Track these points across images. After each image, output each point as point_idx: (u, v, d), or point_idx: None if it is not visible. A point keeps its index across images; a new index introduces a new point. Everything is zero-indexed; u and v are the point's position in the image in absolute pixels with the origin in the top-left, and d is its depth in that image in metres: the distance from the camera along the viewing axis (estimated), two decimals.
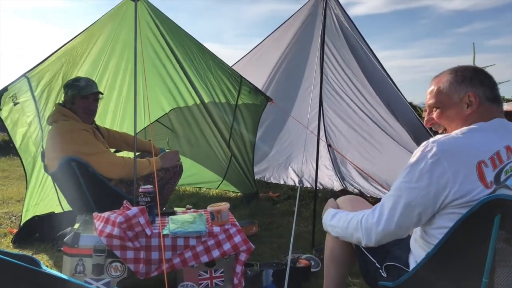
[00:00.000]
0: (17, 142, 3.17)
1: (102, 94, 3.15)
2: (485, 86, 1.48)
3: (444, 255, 1.35)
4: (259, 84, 4.34)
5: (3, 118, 2.94)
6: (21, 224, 3.49)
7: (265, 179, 5.36)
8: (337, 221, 1.68)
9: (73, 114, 2.96)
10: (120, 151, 3.68)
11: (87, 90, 2.99)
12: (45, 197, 3.61)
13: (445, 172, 1.32)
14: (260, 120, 4.18)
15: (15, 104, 2.90)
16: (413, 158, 1.41)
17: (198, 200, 4.52)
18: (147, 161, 3.04)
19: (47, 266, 1.67)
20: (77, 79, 3.06)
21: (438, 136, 1.40)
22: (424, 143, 1.40)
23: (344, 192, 4.69)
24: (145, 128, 4.53)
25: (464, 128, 1.43)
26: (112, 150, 3.38)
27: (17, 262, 1.25)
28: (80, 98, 2.97)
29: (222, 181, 4.83)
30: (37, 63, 2.89)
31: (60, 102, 3.08)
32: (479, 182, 1.32)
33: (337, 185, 4.93)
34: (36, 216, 3.49)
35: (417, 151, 1.41)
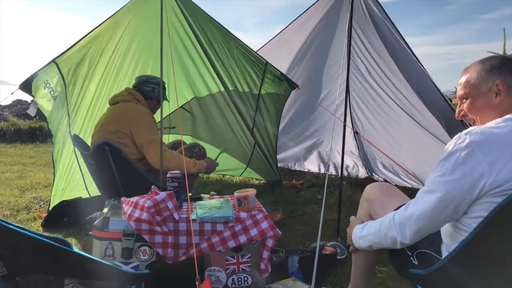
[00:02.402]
0: (51, 126, 3.25)
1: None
2: None
3: (479, 243, 1.32)
4: (284, 70, 4.29)
5: (46, 115, 3.00)
6: (50, 208, 3.57)
7: (289, 167, 5.34)
8: (368, 229, 1.67)
9: (145, 102, 3.10)
10: None
11: (165, 96, 3.21)
12: (72, 181, 3.67)
13: (480, 163, 1.29)
14: (283, 109, 4.15)
15: (55, 99, 2.94)
16: (446, 151, 1.38)
17: (222, 187, 4.54)
18: (193, 162, 3.11)
19: None
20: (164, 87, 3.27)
21: (471, 128, 1.37)
22: (456, 136, 1.38)
23: (369, 180, 4.65)
24: (169, 114, 4.55)
25: (498, 119, 1.40)
26: None
27: (52, 242, 1.27)
28: (158, 100, 3.18)
29: (246, 168, 4.83)
30: (65, 49, 2.92)
31: (130, 87, 3.19)
32: None
33: (362, 173, 4.89)
34: (64, 201, 3.56)
35: (450, 144, 1.38)
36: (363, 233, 1.70)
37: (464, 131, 1.37)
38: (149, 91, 3.17)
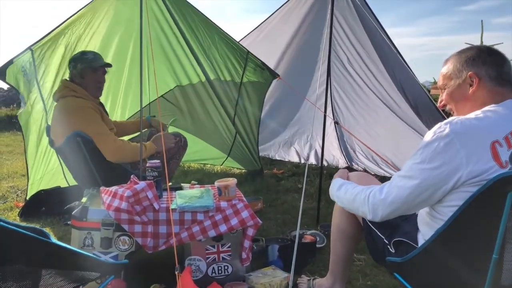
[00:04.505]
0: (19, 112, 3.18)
1: (111, 66, 3.09)
2: (488, 64, 1.48)
3: (454, 232, 1.35)
4: (267, 60, 4.27)
5: (25, 96, 2.93)
6: (27, 198, 3.51)
7: (270, 156, 5.35)
8: (344, 193, 1.68)
9: (83, 90, 2.92)
10: None
11: (97, 62, 2.95)
12: (49, 170, 3.62)
13: (458, 153, 1.32)
14: (265, 97, 4.14)
15: (24, 75, 2.88)
16: (425, 140, 1.40)
17: (202, 176, 4.53)
18: (143, 146, 2.96)
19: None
20: (85, 53, 3.01)
21: (451, 118, 1.40)
22: (437, 125, 1.40)
23: (349, 169, 4.68)
24: (149, 103, 4.50)
25: (478, 111, 1.43)
26: None
27: (28, 233, 1.25)
28: (90, 71, 2.93)
29: (227, 158, 4.83)
30: (43, 35, 2.86)
31: (67, 78, 3.02)
32: (493, 162, 1.31)
33: (342, 163, 4.93)
34: (42, 190, 3.51)
35: (430, 133, 1.40)
36: (339, 194, 1.72)
37: (445, 121, 1.39)
38: (74, 72, 2.96)
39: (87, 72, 2.93)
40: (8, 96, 11.21)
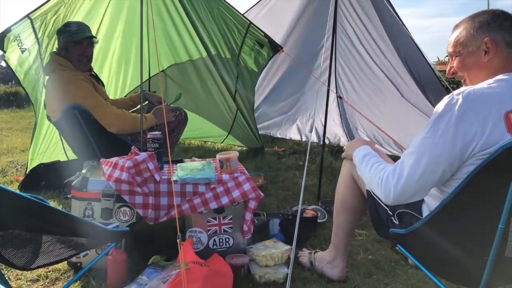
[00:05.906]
0: (28, 90, 3.11)
1: (95, 38, 2.98)
2: (504, 29, 1.39)
3: (460, 202, 1.32)
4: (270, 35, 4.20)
5: (12, 67, 2.87)
6: (27, 172, 3.49)
7: (271, 134, 5.32)
8: (364, 167, 1.59)
9: (69, 63, 2.83)
10: None
11: (79, 35, 2.83)
12: (51, 145, 3.59)
13: (472, 124, 1.26)
14: (259, 77, 4.02)
15: (23, 52, 2.81)
16: (436, 112, 1.34)
17: (203, 153, 4.51)
18: (144, 117, 2.92)
19: None
20: (68, 24, 2.90)
21: (462, 88, 1.34)
22: (448, 96, 1.33)
23: None
24: (150, 78, 4.45)
25: (490, 80, 1.37)
26: None
27: (29, 197, 1.23)
28: (73, 44, 2.82)
29: (227, 135, 4.79)
30: (40, 4, 2.80)
31: (55, 50, 2.94)
32: (507, 133, 1.26)
33: (343, 141, 4.90)
34: (42, 164, 3.49)
35: (441, 105, 1.33)
36: (361, 166, 1.62)
37: (456, 92, 1.33)
38: (59, 46, 2.88)
39: (70, 45, 2.83)
40: (6, 73, 11.07)
